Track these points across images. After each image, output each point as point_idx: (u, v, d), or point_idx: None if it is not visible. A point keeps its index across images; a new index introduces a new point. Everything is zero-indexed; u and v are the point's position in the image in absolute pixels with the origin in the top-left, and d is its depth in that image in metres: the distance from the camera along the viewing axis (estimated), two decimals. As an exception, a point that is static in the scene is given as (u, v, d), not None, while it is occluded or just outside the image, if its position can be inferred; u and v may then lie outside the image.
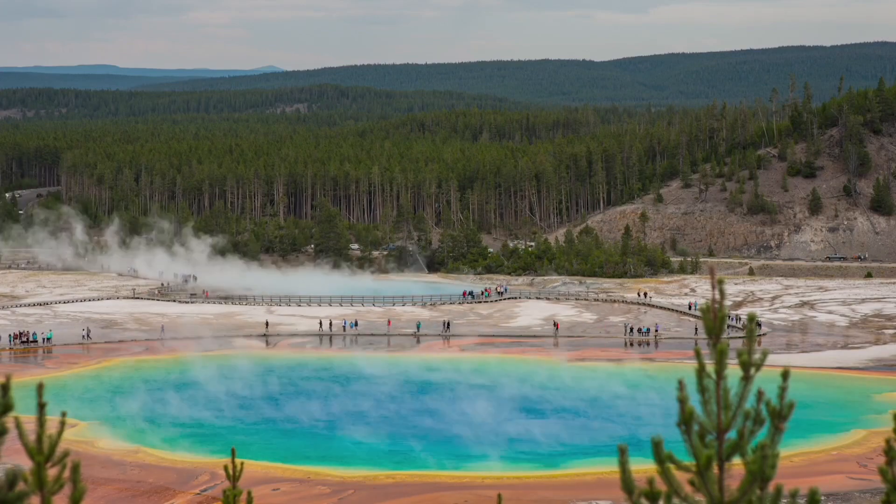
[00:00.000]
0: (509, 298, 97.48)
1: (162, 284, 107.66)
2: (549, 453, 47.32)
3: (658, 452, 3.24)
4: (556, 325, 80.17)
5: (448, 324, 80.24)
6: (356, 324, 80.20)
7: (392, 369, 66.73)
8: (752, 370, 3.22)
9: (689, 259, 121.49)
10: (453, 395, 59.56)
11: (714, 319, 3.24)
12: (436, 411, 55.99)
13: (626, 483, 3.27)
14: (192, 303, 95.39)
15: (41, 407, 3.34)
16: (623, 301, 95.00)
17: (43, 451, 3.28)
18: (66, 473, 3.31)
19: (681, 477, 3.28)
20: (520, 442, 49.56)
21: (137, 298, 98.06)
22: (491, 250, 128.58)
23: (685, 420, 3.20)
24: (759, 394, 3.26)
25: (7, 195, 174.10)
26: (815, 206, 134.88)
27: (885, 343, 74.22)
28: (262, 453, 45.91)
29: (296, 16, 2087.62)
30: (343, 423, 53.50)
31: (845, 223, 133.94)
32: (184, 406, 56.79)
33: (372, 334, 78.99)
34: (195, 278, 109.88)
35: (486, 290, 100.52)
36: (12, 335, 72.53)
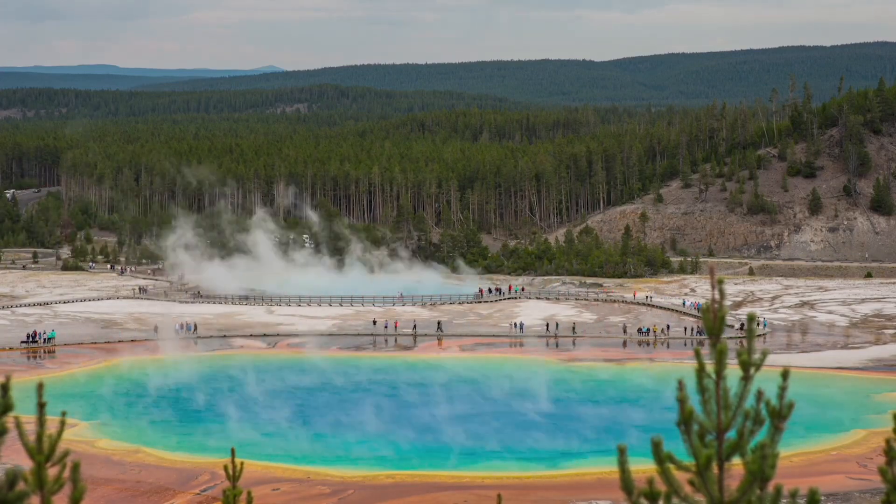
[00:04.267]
0: (509, 298, 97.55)
1: (170, 283, 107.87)
2: (549, 453, 47.30)
3: (658, 452, 3.23)
4: (547, 325, 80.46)
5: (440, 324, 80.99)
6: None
7: (392, 369, 66.73)
8: (752, 370, 3.21)
9: (689, 259, 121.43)
10: (452, 396, 59.54)
11: (714, 319, 3.24)
12: (435, 411, 55.96)
13: (626, 483, 3.27)
14: (192, 303, 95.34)
15: (41, 407, 3.34)
16: (623, 301, 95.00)
17: (43, 451, 3.28)
18: (66, 473, 3.31)
19: (681, 477, 3.28)
20: (519, 441, 49.55)
21: (138, 298, 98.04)
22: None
23: (685, 420, 3.20)
24: (759, 394, 3.26)
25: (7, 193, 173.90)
26: (815, 206, 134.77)
27: (885, 343, 74.17)
28: (262, 453, 45.90)
29: (296, 16, 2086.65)
30: (341, 422, 53.53)
31: (845, 223, 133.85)
32: (183, 406, 56.77)
33: (370, 334, 79.01)
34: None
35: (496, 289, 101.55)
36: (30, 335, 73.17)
